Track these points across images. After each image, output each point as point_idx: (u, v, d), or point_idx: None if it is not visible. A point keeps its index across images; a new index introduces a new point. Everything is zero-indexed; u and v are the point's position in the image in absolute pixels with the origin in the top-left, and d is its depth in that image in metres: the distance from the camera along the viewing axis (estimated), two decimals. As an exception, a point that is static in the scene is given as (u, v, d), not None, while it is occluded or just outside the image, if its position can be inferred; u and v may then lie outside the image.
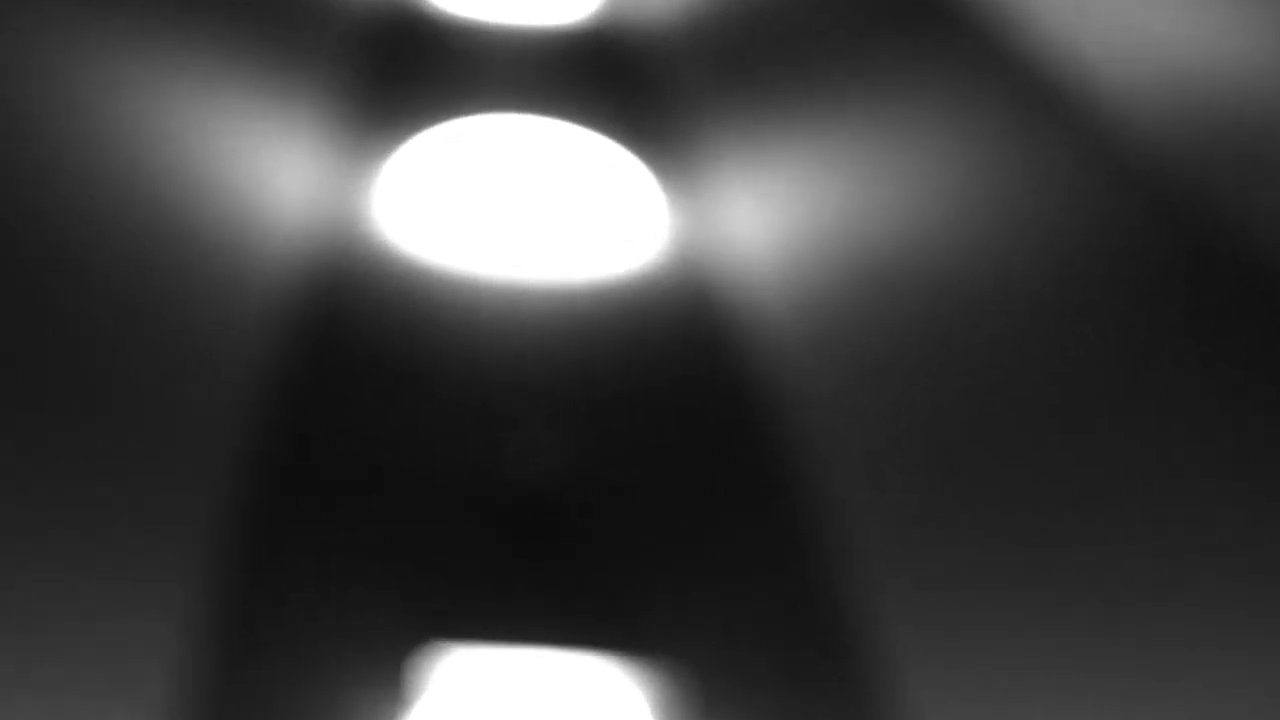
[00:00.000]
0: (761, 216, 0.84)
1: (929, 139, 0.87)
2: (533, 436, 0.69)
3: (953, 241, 0.79)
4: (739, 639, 0.60)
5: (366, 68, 0.99)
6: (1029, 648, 0.58)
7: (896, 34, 1.01)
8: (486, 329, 0.76)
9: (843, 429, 0.74)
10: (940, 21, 1.00)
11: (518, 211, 0.83)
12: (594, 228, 0.83)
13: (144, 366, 0.72)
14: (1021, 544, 0.63)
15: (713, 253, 0.83)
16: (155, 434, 0.69)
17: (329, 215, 0.82)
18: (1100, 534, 0.61)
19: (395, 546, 0.64)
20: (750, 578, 0.66)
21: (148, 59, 0.87)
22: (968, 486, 0.69)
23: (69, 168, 0.79)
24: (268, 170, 0.82)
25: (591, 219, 0.83)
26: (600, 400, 0.72)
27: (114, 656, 0.54)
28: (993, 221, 0.78)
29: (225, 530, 0.63)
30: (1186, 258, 0.75)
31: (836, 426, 0.74)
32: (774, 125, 0.93)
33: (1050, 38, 0.92)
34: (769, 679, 0.58)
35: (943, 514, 0.69)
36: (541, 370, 0.74)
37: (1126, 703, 0.54)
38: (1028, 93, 0.88)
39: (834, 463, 0.71)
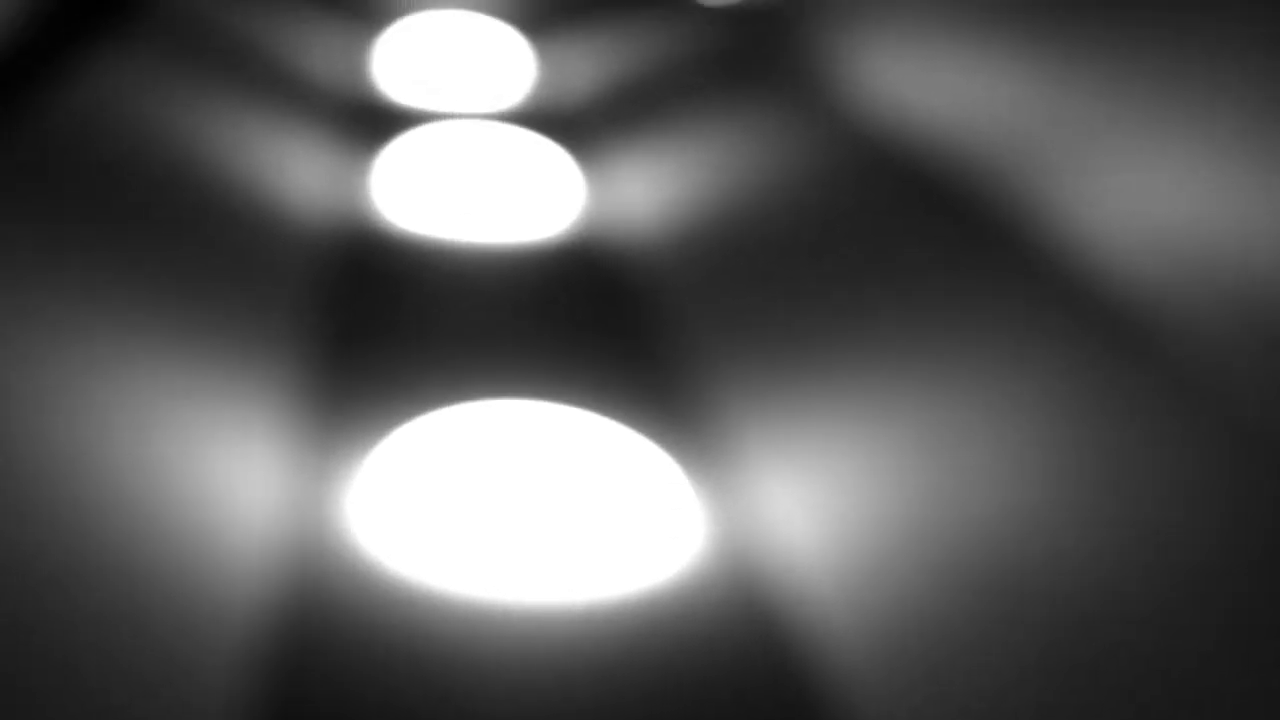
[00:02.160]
0: (805, 503, 0.72)
1: (987, 383, 0.75)
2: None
3: (1033, 517, 0.67)
4: None
5: (333, 327, 0.87)
6: None
7: (931, 249, 0.89)
8: (495, 666, 0.63)
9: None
10: (979, 233, 0.89)
11: (520, 517, 0.70)
12: (616, 531, 0.70)
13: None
14: None
15: (755, 550, 0.70)
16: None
17: (298, 530, 0.69)
18: None
19: None
20: None
21: (88, 347, 0.75)
22: None
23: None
24: (224, 475, 0.69)
25: (611, 520, 0.70)
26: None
27: None
28: (1088, 503, 0.66)
29: None
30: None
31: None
32: (804, 380, 0.80)
33: (1100, 252, 0.81)
34: None
35: None
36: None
37: None
38: (1095, 322, 0.76)
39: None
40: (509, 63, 1.50)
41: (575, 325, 0.91)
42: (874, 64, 1.18)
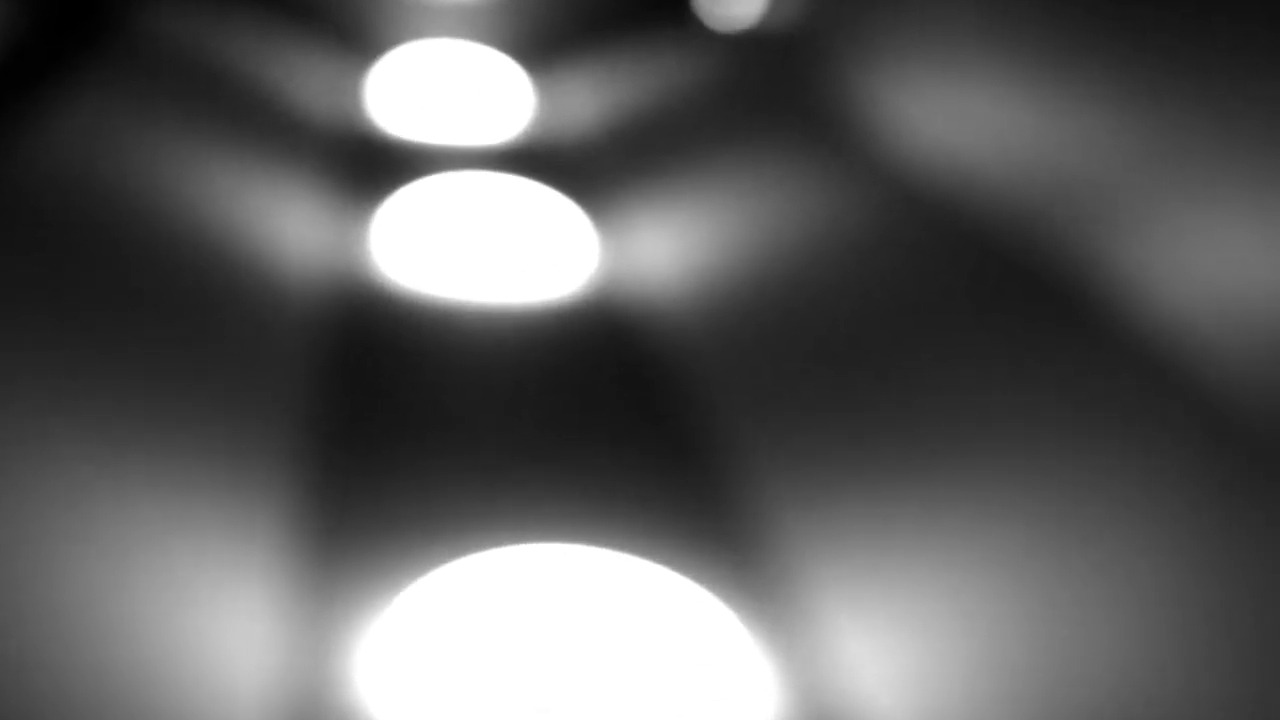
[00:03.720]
0: (885, 659, 0.62)
1: (1096, 498, 0.65)
2: None
3: (1159, 675, 0.57)
4: None
5: (334, 426, 0.76)
6: None
7: (1000, 321, 0.80)
8: None
9: None
10: (1053, 302, 0.79)
11: (561, 688, 0.60)
12: (672, 705, 0.60)
13: None
14: None
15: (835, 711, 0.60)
16: None
17: (299, 705, 0.58)
18: None
19: None
20: None
21: (41, 455, 0.64)
22: None
23: None
24: (204, 635, 0.59)
25: (665, 691, 0.60)
26: None
27: None
28: (1230, 656, 0.56)
29: None
30: None
31: None
32: (869, 495, 0.70)
33: (1202, 330, 0.72)
34: None
35: None
36: None
37: None
38: (1212, 416, 0.67)
39: None
40: (507, 96, 1.40)
41: (601, 423, 0.81)
42: (909, 98, 1.08)
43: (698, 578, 0.66)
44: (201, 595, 0.60)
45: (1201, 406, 0.67)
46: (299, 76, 1.39)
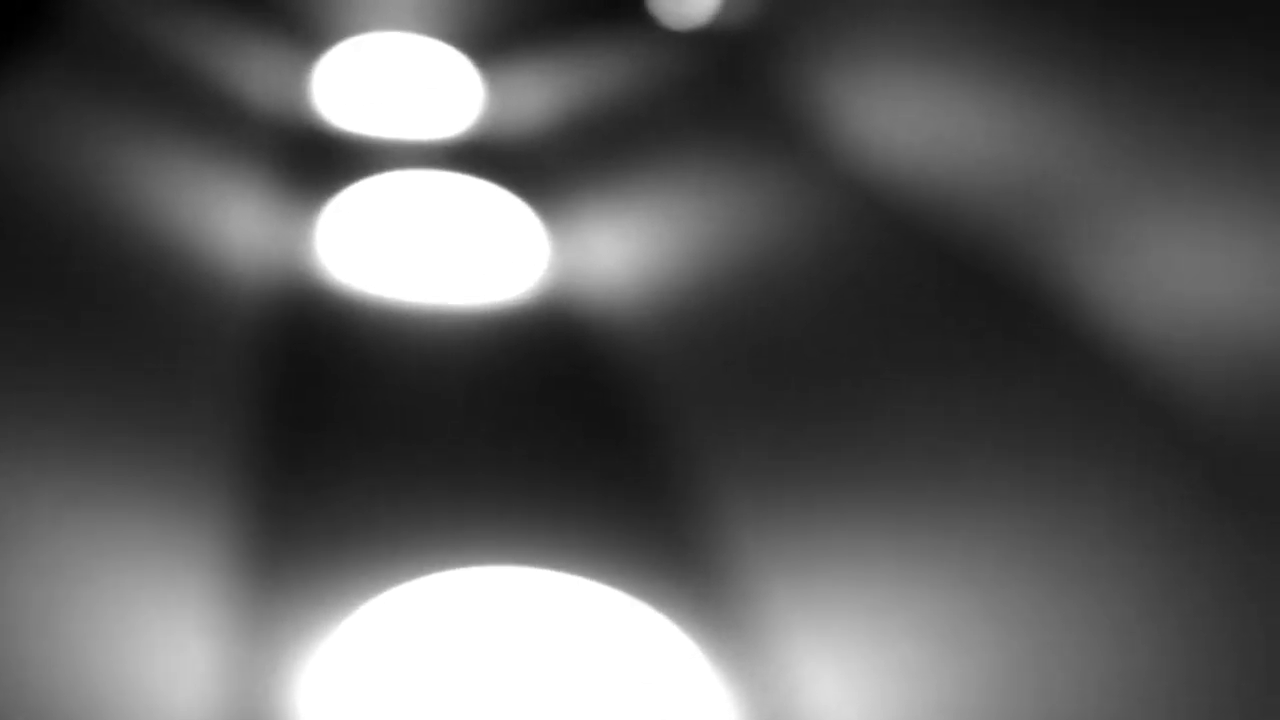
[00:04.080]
0: (848, 685, 0.60)
1: (1075, 516, 0.63)
2: None
3: (1143, 704, 0.55)
4: None
5: (276, 439, 0.74)
6: None
7: (962, 329, 0.78)
8: None
9: None
10: (1015, 312, 0.78)
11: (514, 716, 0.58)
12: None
13: None
14: None
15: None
16: None
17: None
18: None
19: None
20: None
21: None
22: None
23: None
24: (136, 669, 0.56)
25: (627, 714, 0.58)
26: None
27: None
28: (1210, 679, 0.55)
29: None
30: None
31: None
32: (832, 512, 0.69)
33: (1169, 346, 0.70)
34: None
35: None
36: None
37: None
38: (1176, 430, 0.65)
39: None
40: (456, 91, 1.38)
41: (551, 434, 0.79)
42: (867, 97, 1.07)
43: (652, 601, 0.63)
44: (137, 616, 0.57)
45: (1169, 418, 0.65)
46: (245, 69, 1.36)
